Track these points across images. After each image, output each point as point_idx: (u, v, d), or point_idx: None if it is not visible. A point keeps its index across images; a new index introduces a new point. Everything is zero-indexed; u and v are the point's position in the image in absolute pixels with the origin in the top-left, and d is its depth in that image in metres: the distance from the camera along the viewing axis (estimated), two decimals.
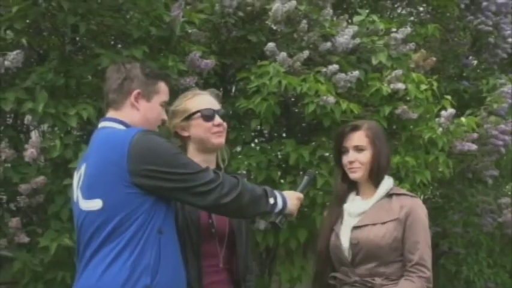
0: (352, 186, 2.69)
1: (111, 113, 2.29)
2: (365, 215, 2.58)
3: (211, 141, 2.45)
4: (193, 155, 2.43)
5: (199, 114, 2.44)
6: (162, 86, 2.33)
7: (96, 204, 2.14)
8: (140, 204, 2.12)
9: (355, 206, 2.64)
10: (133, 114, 2.27)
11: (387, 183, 2.63)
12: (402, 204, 2.56)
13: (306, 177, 2.59)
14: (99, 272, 2.09)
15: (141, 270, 2.09)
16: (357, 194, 2.69)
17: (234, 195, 2.19)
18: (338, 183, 2.71)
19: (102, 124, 2.30)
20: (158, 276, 2.11)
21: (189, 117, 2.46)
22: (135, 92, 2.26)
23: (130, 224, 2.10)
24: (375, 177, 2.61)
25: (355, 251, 2.54)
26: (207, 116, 2.45)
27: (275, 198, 2.31)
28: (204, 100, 2.49)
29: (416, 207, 2.57)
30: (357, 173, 2.61)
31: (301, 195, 2.44)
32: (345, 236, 2.59)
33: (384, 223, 2.53)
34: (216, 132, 2.45)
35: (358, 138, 2.61)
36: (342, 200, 2.68)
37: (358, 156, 2.60)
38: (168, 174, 2.13)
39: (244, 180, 2.27)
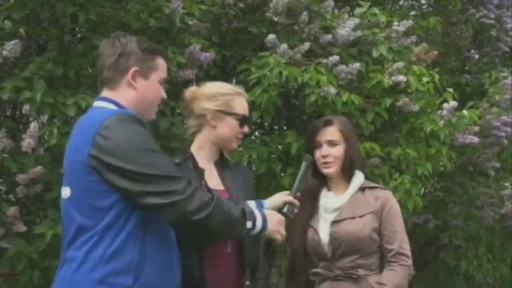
0: (322, 182, 2.71)
1: (105, 92, 2.14)
2: (342, 209, 2.61)
3: (231, 144, 2.50)
4: (204, 141, 2.46)
5: (239, 117, 2.46)
6: (160, 62, 2.18)
7: (67, 191, 2.02)
8: (107, 194, 1.93)
9: (330, 202, 2.65)
10: (129, 94, 2.11)
11: (359, 177, 2.67)
12: (376, 196, 2.61)
13: (304, 163, 2.58)
14: (75, 265, 1.95)
15: (120, 268, 1.92)
16: (329, 189, 2.70)
17: (203, 215, 1.96)
18: (309, 179, 2.71)
19: (95, 104, 2.16)
20: (143, 277, 1.93)
21: (228, 113, 2.45)
22: (133, 69, 2.10)
23: (102, 216, 1.92)
24: (347, 172, 2.64)
25: (336, 245, 2.56)
26: (243, 122, 2.49)
27: (254, 222, 2.13)
28: (245, 105, 2.53)
29: (390, 198, 2.64)
30: (331, 168, 2.63)
31: (283, 219, 2.30)
32: (324, 231, 2.61)
33: (361, 216, 2.57)
34: (239, 138, 2.51)
35: (331, 133, 2.64)
36: (315, 195, 2.69)
37: (331, 151, 2.62)
38: (123, 170, 1.89)
39: (223, 200, 2.09)
